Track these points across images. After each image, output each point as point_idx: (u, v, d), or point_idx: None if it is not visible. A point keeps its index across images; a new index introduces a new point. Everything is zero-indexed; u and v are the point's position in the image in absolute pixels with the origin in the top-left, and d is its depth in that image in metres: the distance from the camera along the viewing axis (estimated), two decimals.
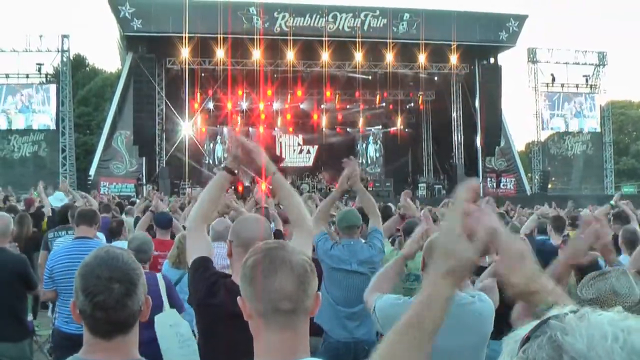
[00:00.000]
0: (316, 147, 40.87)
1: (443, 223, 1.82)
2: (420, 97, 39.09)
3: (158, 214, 8.98)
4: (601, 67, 39.84)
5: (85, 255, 6.52)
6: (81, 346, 2.35)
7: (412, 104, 40.73)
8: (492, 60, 36.61)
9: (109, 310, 2.30)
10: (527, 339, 1.22)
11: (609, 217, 10.30)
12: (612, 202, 10.33)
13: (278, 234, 7.19)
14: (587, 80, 39.71)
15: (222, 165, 3.87)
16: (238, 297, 2.14)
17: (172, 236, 8.32)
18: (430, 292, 1.72)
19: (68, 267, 6.38)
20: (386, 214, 9.04)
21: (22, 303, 6.89)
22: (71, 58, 36.96)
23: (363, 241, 6.63)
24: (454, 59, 34.44)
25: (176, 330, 5.13)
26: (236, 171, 3.79)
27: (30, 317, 7.90)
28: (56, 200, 12.96)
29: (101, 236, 7.68)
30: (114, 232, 8.86)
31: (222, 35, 30.79)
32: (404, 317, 1.73)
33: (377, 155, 43.32)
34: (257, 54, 32.28)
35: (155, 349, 5.02)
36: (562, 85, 39.41)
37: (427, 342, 1.69)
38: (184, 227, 7.74)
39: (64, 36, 34.38)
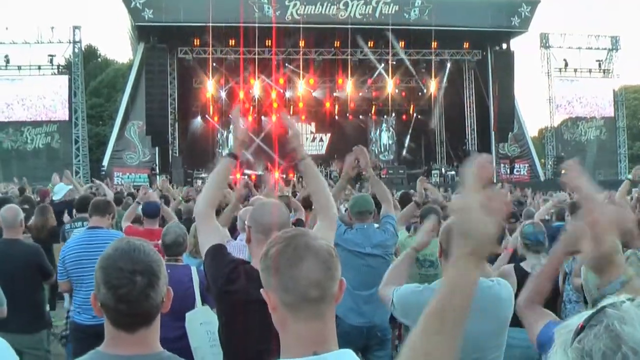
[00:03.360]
0: (329, 135, 40.80)
1: (458, 202, 1.75)
2: (433, 83, 38.94)
3: (145, 203, 8.90)
4: (614, 51, 39.62)
5: (96, 245, 6.53)
6: (93, 337, 2.32)
7: (425, 91, 40.53)
8: (504, 46, 36.36)
9: (133, 303, 2.27)
10: (582, 329, 1.19)
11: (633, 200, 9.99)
12: (630, 175, 9.53)
13: (299, 223, 7.17)
14: (600, 65, 39.48)
15: (227, 151, 3.89)
16: (261, 290, 2.06)
17: (162, 225, 8.31)
18: (454, 275, 1.65)
19: (79, 257, 6.41)
20: (407, 200, 9.06)
21: (38, 293, 6.89)
22: (83, 49, 36.93)
23: (376, 226, 6.64)
24: (466, 45, 34.31)
25: (207, 329, 5.04)
26: (241, 156, 3.83)
27: (47, 308, 7.91)
28: (55, 193, 12.96)
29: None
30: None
31: (233, 24, 30.71)
32: (429, 305, 1.66)
33: (390, 142, 43.25)
34: (268, 43, 32.22)
35: (185, 345, 5.00)
36: (575, 71, 39.20)
37: (456, 328, 1.62)
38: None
39: (76, 27, 34.45)
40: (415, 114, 41.53)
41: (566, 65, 38.87)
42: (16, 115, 34.05)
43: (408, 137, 42.32)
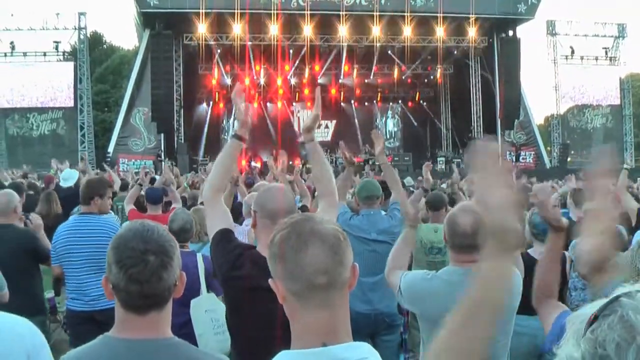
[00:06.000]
0: (334, 121, 40.69)
1: (486, 200, 1.68)
2: (439, 70, 38.83)
3: (148, 189, 8.83)
4: (621, 39, 39.48)
5: (85, 232, 6.51)
6: (89, 322, 2.25)
7: (431, 78, 40.46)
8: (510, 33, 36.23)
9: (144, 283, 2.22)
10: (595, 318, 1.17)
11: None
12: (627, 165, 9.57)
13: (304, 210, 7.14)
14: (606, 53, 39.34)
15: (232, 133, 3.84)
16: (270, 280, 1.97)
17: (164, 211, 8.32)
18: (489, 273, 1.63)
19: (69, 242, 6.40)
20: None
21: (32, 279, 6.78)
22: (88, 36, 36.99)
23: (383, 212, 6.62)
24: (472, 32, 34.18)
25: (211, 316, 5.06)
26: (246, 138, 3.76)
27: (51, 294, 7.87)
28: (64, 180, 12.95)
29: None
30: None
31: (239, 11, 30.63)
32: (462, 300, 1.64)
33: (396, 129, 43.20)
34: (274, 29, 32.17)
35: (190, 331, 5.04)
36: (582, 58, 39.05)
37: (489, 325, 1.61)
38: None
39: (81, 14, 34.50)
40: (421, 101, 41.40)
41: (572, 52, 38.73)
42: (22, 101, 34.09)
43: (413, 124, 42.19)
